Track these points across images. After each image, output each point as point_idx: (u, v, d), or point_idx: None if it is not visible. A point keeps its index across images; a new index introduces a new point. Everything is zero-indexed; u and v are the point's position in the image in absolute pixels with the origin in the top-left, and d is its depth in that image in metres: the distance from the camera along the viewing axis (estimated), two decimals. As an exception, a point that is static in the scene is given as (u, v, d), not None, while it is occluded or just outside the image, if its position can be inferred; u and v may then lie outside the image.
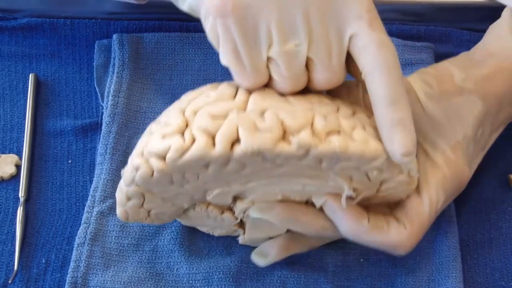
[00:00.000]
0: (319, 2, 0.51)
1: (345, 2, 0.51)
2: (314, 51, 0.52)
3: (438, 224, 0.64)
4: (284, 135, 0.51)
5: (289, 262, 0.63)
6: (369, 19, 0.51)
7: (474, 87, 0.61)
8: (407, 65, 0.74)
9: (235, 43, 0.51)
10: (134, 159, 0.54)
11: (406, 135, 0.51)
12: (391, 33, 0.76)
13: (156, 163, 0.52)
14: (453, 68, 0.62)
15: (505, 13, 0.68)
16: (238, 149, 0.50)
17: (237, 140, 0.51)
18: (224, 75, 0.72)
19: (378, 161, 0.52)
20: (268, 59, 0.52)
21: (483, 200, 0.68)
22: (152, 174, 0.53)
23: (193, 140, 0.51)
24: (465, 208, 0.67)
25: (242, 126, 0.51)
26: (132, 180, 0.54)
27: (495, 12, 0.69)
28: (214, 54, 0.73)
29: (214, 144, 0.51)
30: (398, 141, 0.51)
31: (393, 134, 0.52)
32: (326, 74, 0.53)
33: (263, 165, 0.52)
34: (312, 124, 0.51)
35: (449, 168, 0.59)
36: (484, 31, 0.69)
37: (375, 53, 0.51)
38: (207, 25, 0.52)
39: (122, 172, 0.56)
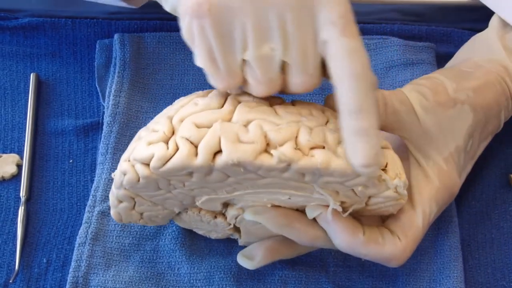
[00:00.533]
0: (294, 6, 0.50)
1: (320, 7, 0.50)
2: (290, 55, 0.52)
3: (439, 224, 0.64)
4: (267, 148, 0.51)
5: (290, 262, 0.63)
6: (342, 25, 0.50)
7: (467, 98, 0.61)
8: (408, 65, 0.74)
9: (210, 45, 0.51)
10: (122, 163, 0.54)
11: (368, 146, 0.50)
12: (392, 33, 0.76)
13: (141, 169, 0.52)
14: (445, 80, 0.62)
15: (493, 23, 0.68)
16: (220, 160, 0.51)
17: (219, 151, 0.51)
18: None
19: (361, 178, 0.52)
20: (243, 62, 0.52)
21: (484, 200, 0.68)
22: (138, 180, 0.53)
23: (177, 149, 0.51)
24: (466, 208, 0.67)
25: (225, 137, 0.51)
26: (120, 184, 0.54)
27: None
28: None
29: (196, 153, 0.51)
30: (359, 152, 0.50)
31: (354, 144, 0.51)
32: (302, 78, 0.53)
33: (246, 176, 0.52)
34: (296, 137, 0.51)
35: (442, 180, 0.60)
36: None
37: (343, 61, 0.50)
38: (183, 25, 0.52)
39: (112, 175, 0.56)
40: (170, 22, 0.77)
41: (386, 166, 0.53)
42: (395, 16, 0.78)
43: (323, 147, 0.51)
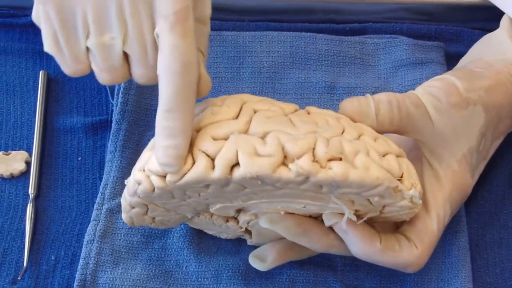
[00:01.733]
0: None
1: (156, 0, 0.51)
2: (129, 46, 0.52)
3: (448, 224, 0.64)
4: (284, 160, 0.51)
5: (299, 261, 0.63)
6: (173, 20, 0.50)
7: (479, 98, 0.61)
8: (418, 65, 0.73)
9: (54, 30, 0.52)
10: (136, 173, 0.54)
11: (170, 147, 0.50)
12: (401, 32, 0.76)
13: (156, 181, 0.52)
14: (457, 80, 0.62)
15: (504, 23, 0.68)
16: (237, 173, 0.50)
17: (237, 164, 0.51)
18: (234, 72, 0.72)
19: (379, 189, 0.52)
20: (87, 49, 0.53)
21: (493, 200, 0.68)
22: (153, 190, 0.53)
23: (193, 162, 0.51)
24: (474, 208, 0.67)
25: (242, 150, 0.50)
26: (134, 192, 0.54)
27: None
28: (225, 51, 0.74)
29: (213, 166, 0.51)
30: (160, 152, 0.51)
31: (160, 141, 0.51)
32: (142, 69, 0.53)
33: (263, 187, 0.52)
34: (313, 149, 0.51)
35: (455, 182, 0.60)
36: (494, 30, 0.69)
37: (164, 57, 0.50)
38: (33, 11, 0.53)
39: (125, 181, 0.56)
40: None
41: (402, 176, 0.53)
42: (405, 15, 0.78)
43: (340, 159, 0.51)
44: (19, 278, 0.63)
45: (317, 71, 0.73)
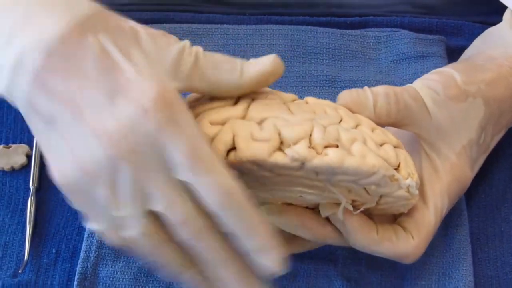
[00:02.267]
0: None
1: (166, 151, 0.47)
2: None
3: (449, 217, 0.64)
4: (281, 146, 0.51)
5: (299, 255, 0.63)
6: (189, 164, 0.48)
7: (478, 91, 0.61)
8: (419, 58, 0.73)
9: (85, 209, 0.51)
10: None
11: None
12: (402, 26, 0.76)
13: None
14: (456, 73, 0.62)
15: (507, 16, 0.68)
16: (233, 157, 0.50)
17: (233, 148, 0.51)
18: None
19: (375, 177, 0.52)
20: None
21: (494, 193, 0.68)
22: None
23: None
24: (475, 201, 0.67)
25: (239, 135, 0.50)
26: None
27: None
28: (225, 46, 0.74)
29: None
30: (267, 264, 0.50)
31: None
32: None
33: (260, 173, 0.52)
34: (310, 135, 0.51)
35: (454, 174, 0.60)
36: (496, 24, 0.69)
37: (213, 198, 0.48)
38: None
39: None
40: (180, 13, 0.77)
41: (398, 166, 0.53)
42: (406, 9, 0.78)
43: (337, 146, 0.51)
44: (20, 271, 0.63)
45: (318, 65, 0.73)
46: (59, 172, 0.49)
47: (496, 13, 0.70)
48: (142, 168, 0.47)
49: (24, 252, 0.64)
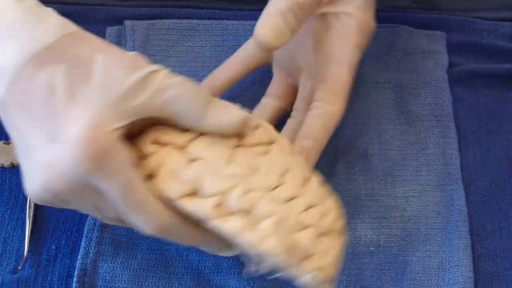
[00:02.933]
0: None
1: None
2: None
3: (449, 213, 0.64)
4: (195, 193, 0.50)
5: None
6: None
7: None
8: (419, 54, 0.73)
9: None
10: None
11: None
12: (403, 21, 0.76)
13: None
14: None
15: None
16: (148, 184, 0.51)
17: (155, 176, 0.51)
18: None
19: (271, 260, 0.50)
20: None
21: (494, 189, 0.68)
22: None
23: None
24: (475, 197, 0.67)
25: (163, 166, 0.51)
26: None
27: (509, 0, 0.69)
28: (225, 42, 0.74)
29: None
30: None
31: None
32: None
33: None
34: (226, 193, 0.50)
35: (361, 29, 0.64)
36: (497, 20, 0.69)
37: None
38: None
39: None
40: (180, 9, 0.77)
41: (310, 256, 0.51)
42: (407, 4, 0.78)
43: (247, 214, 0.50)
44: (19, 267, 0.64)
45: (317, 60, 0.73)
46: (28, 186, 0.52)
47: (497, 9, 0.70)
48: (83, 199, 0.51)
49: (24, 248, 0.64)
